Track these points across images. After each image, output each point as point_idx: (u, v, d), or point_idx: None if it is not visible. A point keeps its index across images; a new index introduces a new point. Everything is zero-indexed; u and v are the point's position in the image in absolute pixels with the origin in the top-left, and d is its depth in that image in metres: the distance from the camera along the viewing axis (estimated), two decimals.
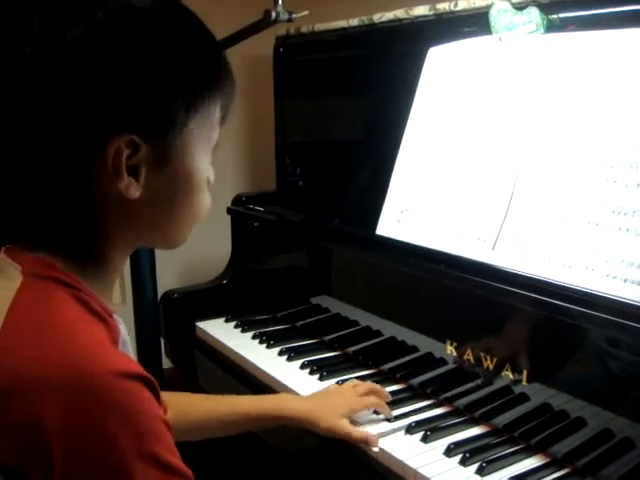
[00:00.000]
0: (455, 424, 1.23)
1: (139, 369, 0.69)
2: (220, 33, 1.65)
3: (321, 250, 1.64)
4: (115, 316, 0.78)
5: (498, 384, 1.20)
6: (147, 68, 0.73)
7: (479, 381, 1.23)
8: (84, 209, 0.75)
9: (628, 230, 1.04)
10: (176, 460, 0.70)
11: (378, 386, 1.30)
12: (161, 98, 0.74)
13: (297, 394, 1.36)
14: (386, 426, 1.23)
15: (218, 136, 0.84)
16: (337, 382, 1.38)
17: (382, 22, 1.60)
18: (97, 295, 0.76)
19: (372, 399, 1.25)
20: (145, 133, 0.73)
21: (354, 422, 1.22)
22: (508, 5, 1.26)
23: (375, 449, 1.17)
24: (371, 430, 1.21)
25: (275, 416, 1.21)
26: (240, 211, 1.86)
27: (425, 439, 1.18)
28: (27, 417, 0.64)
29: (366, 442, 1.18)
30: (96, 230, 0.77)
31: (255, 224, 1.84)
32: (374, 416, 1.25)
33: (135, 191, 0.74)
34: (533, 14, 1.23)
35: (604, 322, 1.01)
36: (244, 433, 1.24)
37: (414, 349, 1.37)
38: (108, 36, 0.71)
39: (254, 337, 1.65)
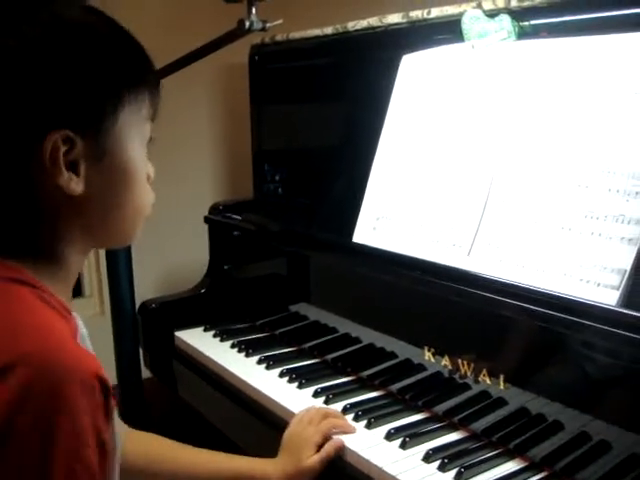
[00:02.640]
0: (434, 430, 1.23)
1: (97, 368, 0.71)
2: (195, 43, 1.67)
3: (299, 258, 1.64)
4: (74, 313, 0.82)
5: (476, 389, 1.21)
6: (74, 69, 0.77)
7: (457, 387, 1.24)
8: (31, 210, 0.79)
9: (600, 234, 1.05)
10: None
11: (328, 410, 1.29)
12: (90, 94, 0.78)
13: (277, 403, 1.36)
14: (365, 433, 1.23)
15: (152, 132, 0.89)
16: (316, 390, 1.38)
17: (356, 30, 1.61)
18: (56, 294, 0.79)
19: (328, 424, 1.24)
20: (78, 128, 0.77)
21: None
22: (480, 13, 1.27)
23: (354, 449, 1.18)
24: (350, 439, 1.21)
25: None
26: (217, 220, 1.85)
27: (404, 445, 1.18)
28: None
29: (337, 450, 1.19)
30: (47, 229, 0.80)
31: (233, 233, 1.84)
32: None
33: (76, 186, 0.78)
34: (505, 21, 1.24)
35: (579, 326, 1.02)
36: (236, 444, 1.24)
37: (393, 355, 1.38)
38: (38, 42, 0.76)
39: (233, 346, 1.64)
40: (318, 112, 1.79)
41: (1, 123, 0.75)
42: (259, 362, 1.54)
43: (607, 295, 1.03)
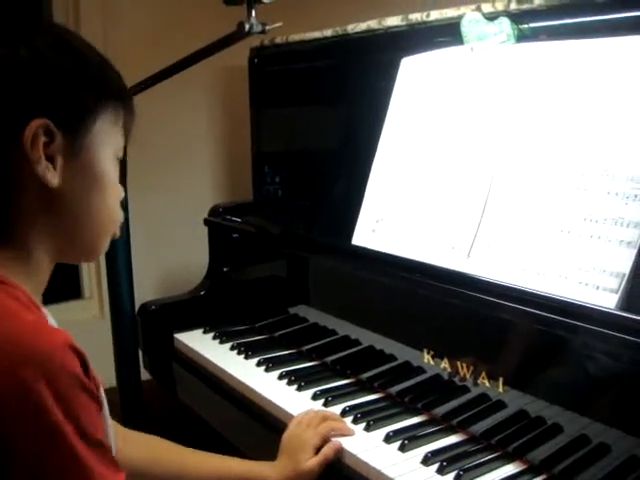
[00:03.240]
0: (432, 432, 1.23)
1: (71, 340, 0.75)
2: (194, 45, 1.67)
3: (298, 260, 1.64)
4: (44, 310, 0.85)
5: (475, 392, 1.21)
6: (61, 68, 0.83)
7: (456, 389, 1.24)
8: (6, 196, 0.81)
9: (600, 237, 1.06)
10: (100, 435, 0.76)
11: (327, 413, 1.30)
12: (73, 92, 0.83)
13: (276, 405, 1.37)
14: (364, 435, 1.23)
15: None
16: (315, 392, 1.38)
17: (356, 32, 1.61)
18: (22, 286, 0.82)
19: (326, 426, 1.24)
20: (59, 122, 0.81)
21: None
22: (479, 16, 1.27)
23: (353, 452, 1.18)
24: (349, 441, 1.21)
25: None
26: (217, 222, 1.85)
27: (402, 448, 1.18)
28: None
29: (336, 452, 1.19)
30: (19, 219, 0.83)
31: (232, 235, 1.84)
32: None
33: (52, 178, 0.81)
34: (504, 24, 1.24)
35: (578, 329, 1.02)
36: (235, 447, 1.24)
37: (392, 358, 1.38)
38: (37, 52, 0.82)
39: (232, 348, 1.64)
40: (318, 115, 1.79)
41: None
42: (258, 364, 1.54)
43: (606, 298, 1.03)
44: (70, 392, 0.72)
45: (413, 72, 1.43)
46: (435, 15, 1.41)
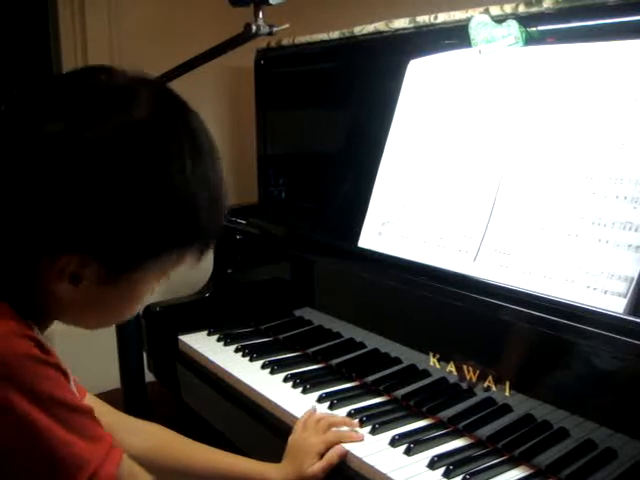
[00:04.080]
0: (438, 436, 1.22)
1: (21, 329, 0.74)
2: (201, 47, 1.67)
3: (304, 263, 1.63)
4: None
5: (481, 395, 1.20)
6: (124, 214, 0.75)
7: (462, 393, 1.23)
8: (27, 281, 0.78)
9: (608, 241, 1.05)
10: (73, 398, 0.76)
11: (336, 418, 1.29)
12: (128, 246, 0.76)
13: (281, 407, 1.36)
14: (370, 439, 1.23)
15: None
16: (320, 395, 1.38)
17: (363, 34, 1.61)
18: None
19: (334, 435, 1.23)
20: (103, 262, 0.76)
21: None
22: (487, 18, 1.27)
23: (359, 455, 1.18)
24: (355, 445, 1.21)
25: None
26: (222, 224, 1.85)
27: (408, 451, 1.17)
28: None
29: (340, 457, 1.19)
30: (36, 298, 0.80)
31: (237, 237, 1.83)
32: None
33: (69, 295, 0.78)
34: (512, 27, 1.24)
35: (585, 333, 1.01)
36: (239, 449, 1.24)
37: (397, 361, 1.37)
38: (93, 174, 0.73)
39: (237, 350, 1.64)
40: (324, 117, 1.79)
41: (37, 228, 0.74)
42: (263, 367, 1.54)
43: (614, 303, 1.02)
44: (26, 372, 0.71)
45: (420, 74, 1.42)
46: (443, 17, 1.41)
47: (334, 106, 1.74)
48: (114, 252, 0.76)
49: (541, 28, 1.23)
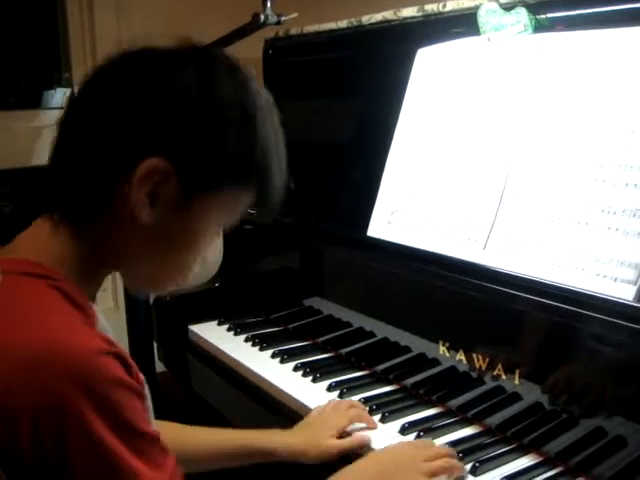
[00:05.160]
0: (448, 424, 1.23)
1: (110, 346, 0.74)
2: (209, 36, 1.66)
3: (313, 252, 1.64)
4: (95, 307, 0.84)
5: (490, 384, 1.20)
6: (229, 120, 0.81)
7: (471, 381, 1.24)
8: (101, 204, 0.80)
9: (617, 229, 1.05)
10: (148, 427, 0.76)
11: (356, 401, 1.30)
12: (215, 151, 0.80)
13: (291, 396, 1.37)
14: (380, 427, 1.23)
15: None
16: (330, 384, 1.38)
17: (371, 24, 1.60)
18: (77, 286, 0.81)
19: (357, 411, 1.25)
20: (187, 171, 0.79)
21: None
22: (496, 6, 1.26)
23: (370, 448, 1.17)
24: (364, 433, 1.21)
25: (260, 452, 1.20)
26: None
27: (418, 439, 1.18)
28: (10, 399, 0.69)
29: (359, 446, 1.18)
30: (101, 232, 0.82)
31: (247, 226, 1.83)
32: (361, 425, 1.24)
33: (145, 215, 0.79)
34: (521, 15, 1.23)
35: (595, 321, 1.01)
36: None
37: (407, 350, 1.37)
38: (200, 97, 0.80)
39: (247, 340, 1.65)
40: (332, 106, 1.78)
41: (122, 135, 0.78)
42: (273, 356, 1.55)
43: (624, 290, 1.02)
44: (111, 398, 0.71)
45: (429, 63, 1.42)
46: (451, 5, 1.40)
47: (342, 96, 1.74)
48: (192, 164, 0.79)
49: (551, 15, 1.22)
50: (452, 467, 1.07)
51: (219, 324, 1.75)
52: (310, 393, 1.37)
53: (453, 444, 1.15)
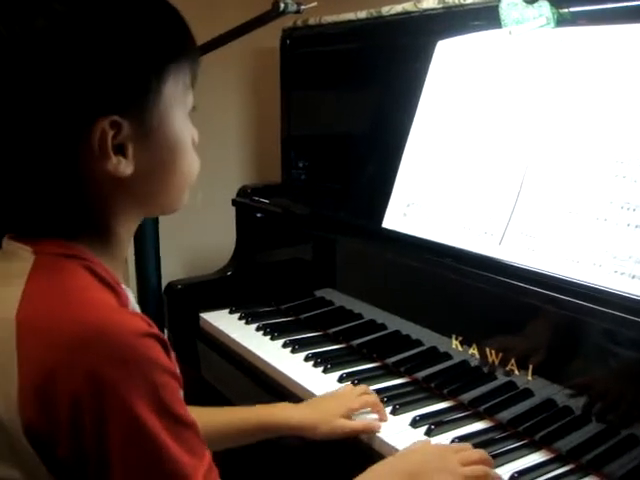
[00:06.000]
0: (459, 418, 1.23)
1: (149, 327, 0.73)
2: (228, 24, 1.66)
3: (326, 243, 1.63)
4: (123, 286, 0.82)
5: (502, 379, 1.20)
6: (113, 49, 0.75)
7: (483, 376, 1.23)
8: (81, 192, 0.78)
9: (637, 226, 1.04)
10: (185, 412, 0.74)
11: (371, 391, 1.29)
12: (132, 75, 0.76)
13: (302, 386, 1.37)
14: (391, 419, 1.23)
15: (195, 101, 0.87)
16: (341, 375, 1.38)
17: (390, 15, 1.59)
18: (106, 266, 0.79)
19: (370, 397, 1.25)
20: (124, 111, 0.76)
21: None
22: None
23: (379, 435, 1.18)
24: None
25: (271, 426, 1.19)
26: (245, 203, 1.85)
27: (429, 433, 1.18)
28: (58, 380, 0.68)
29: (369, 430, 1.19)
30: (97, 210, 0.80)
31: (260, 216, 1.83)
32: (372, 415, 1.24)
33: (125, 168, 0.78)
34: (544, 8, 1.22)
35: (611, 318, 1.00)
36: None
37: (419, 343, 1.37)
38: (71, 22, 0.73)
39: (258, 329, 1.65)
40: (349, 98, 1.78)
41: (46, 111, 0.73)
42: (284, 346, 1.54)
43: None
44: (153, 380, 0.70)
45: (449, 55, 1.41)
46: None
47: (360, 87, 1.73)
48: (126, 94, 0.76)
49: (573, 9, 1.21)
50: (487, 476, 1.04)
51: (230, 312, 1.76)
52: (321, 383, 1.37)
53: (464, 438, 1.15)
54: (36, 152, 0.74)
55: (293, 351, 1.51)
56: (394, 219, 1.40)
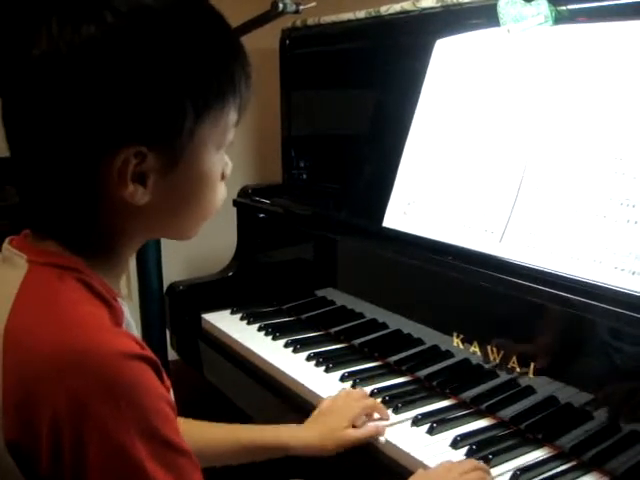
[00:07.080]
0: (461, 416, 1.23)
1: (141, 349, 0.70)
2: None
3: (327, 242, 1.63)
4: (120, 300, 0.80)
5: (504, 377, 1.20)
6: (156, 76, 0.71)
7: (485, 374, 1.23)
8: (90, 207, 0.75)
9: (637, 222, 1.04)
10: (177, 438, 0.71)
11: (367, 393, 1.29)
12: (170, 107, 0.73)
13: (304, 386, 1.37)
14: (393, 418, 1.23)
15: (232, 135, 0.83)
16: (343, 374, 1.38)
17: (389, 14, 1.59)
18: (103, 280, 0.77)
19: (369, 400, 1.25)
20: (152, 143, 0.73)
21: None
22: None
23: (382, 439, 1.18)
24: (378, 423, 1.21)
25: (278, 447, 1.18)
26: (246, 203, 1.85)
27: (431, 431, 1.18)
28: (38, 399, 0.66)
29: (375, 434, 1.18)
30: (104, 227, 0.77)
31: (261, 216, 1.84)
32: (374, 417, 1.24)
33: (142, 197, 0.75)
34: (542, 6, 1.22)
35: (612, 315, 1.00)
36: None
37: (420, 342, 1.37)
38: (116, 40, 0.70)
39: (260, 329, 1.65)
40: (349, 97, 1.78)
41: (75, 125, 0.71)
42: (286, 345, 1.55)
43: None
44: (137, 403, 0.67)
45: (447, 54, 1.41)
46: None
47: (359, 86, 1.73)
48: (158, 128, 0.73)
49: (571, 7, 1.21)
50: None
51: (232, 313, 1.76)
52: (323, 383, 1.37)
53: (466, 436, 1.15)
54: (59, 160, 0.73)
55: (295, 351, 1.52)
56: (394, 218, 1.40)
